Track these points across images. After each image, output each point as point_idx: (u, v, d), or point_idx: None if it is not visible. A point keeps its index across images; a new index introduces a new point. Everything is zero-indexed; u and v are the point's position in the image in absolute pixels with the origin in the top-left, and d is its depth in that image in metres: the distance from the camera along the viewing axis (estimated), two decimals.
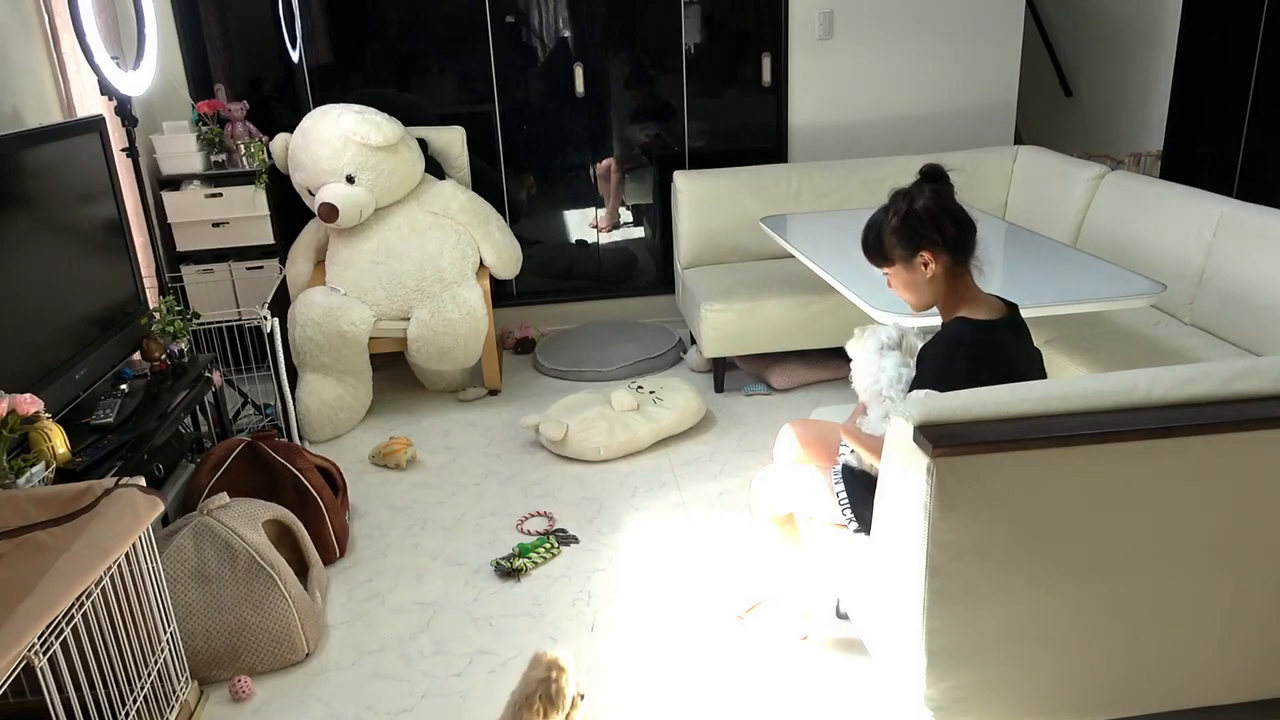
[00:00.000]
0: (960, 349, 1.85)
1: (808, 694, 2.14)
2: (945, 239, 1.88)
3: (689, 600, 2.49)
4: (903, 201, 1.91)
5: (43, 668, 1.58)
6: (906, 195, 1.91)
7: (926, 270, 1.91)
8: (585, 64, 4.23)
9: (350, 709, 2.16)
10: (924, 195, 1.89)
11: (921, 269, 1.91)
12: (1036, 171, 3.92)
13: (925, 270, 1.91)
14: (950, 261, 1.90)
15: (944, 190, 1.91)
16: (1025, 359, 1.92)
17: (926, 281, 1.92)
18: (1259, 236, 2.83)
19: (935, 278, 1.91)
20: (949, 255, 1.89)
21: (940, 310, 1.97)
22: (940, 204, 1.89)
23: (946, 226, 1.88)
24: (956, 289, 1.93)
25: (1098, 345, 2.95)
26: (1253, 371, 1.67)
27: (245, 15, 4.00)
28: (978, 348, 1.85)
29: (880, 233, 1.94)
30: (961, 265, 1.91)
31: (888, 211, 1.94)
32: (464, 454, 3.38)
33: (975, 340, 1.86)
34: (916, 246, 1.90)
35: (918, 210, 1.88)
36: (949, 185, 1.91)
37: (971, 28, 4.26)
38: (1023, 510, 1.62)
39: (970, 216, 1.91)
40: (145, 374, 2.80)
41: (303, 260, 3.85)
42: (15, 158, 2.38)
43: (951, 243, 1.89)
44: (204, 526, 2.28)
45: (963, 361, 1.82)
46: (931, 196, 1.89)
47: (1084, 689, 1.78)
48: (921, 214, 1.88)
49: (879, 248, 1.96)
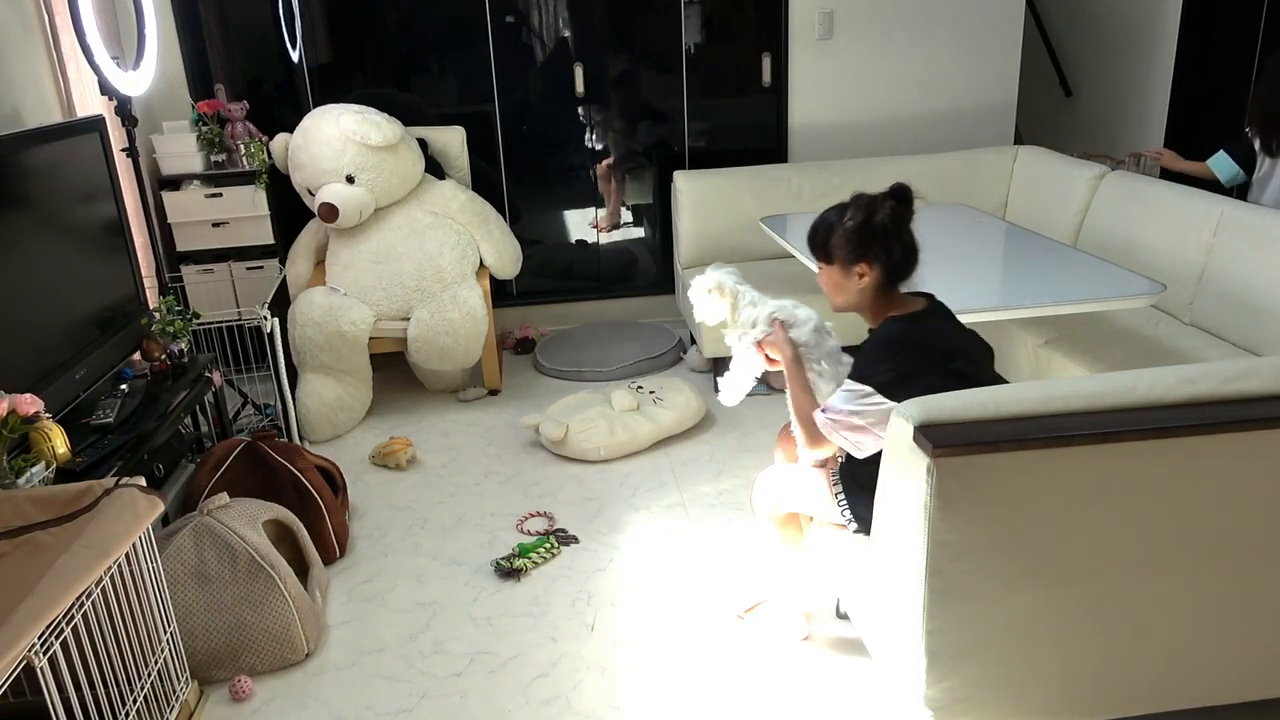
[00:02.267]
0: (893, 343, 1.91)
1: (808, 694, 2.14)
2: (889, 259, 1.93)
3: (689, 600, 2.49)
4: (863, 210, 1.94)
5: (43, 668, 1.58)
6: (868, 205, 1.94)
7: (860, 280, 1.95)
8: (585, 64, 4.23)
9: (350, 709, 2.16)
10: (884, 210, 1.93)
11: (856, 278, 1.96)
12: (1036, 171, 3.92)
13: (859, 280, 1.96)
14: (884, 280, 1.95)
15: (904, 213, 1.94)
16: (955, 332, 1.98)
17: (856, 290, 1.97)
18: (1259, 236, 2.83)
19: (865, 289, 1.96)
20: (885, 274, 1.94)
21: (866, 317, 2.02)
22: (896, 225, 1.93)
23: (894, 248, 1.92)
24: (882, 300, 1.98)
25: (1098, 345, 2.95)
26: (1253, 371, 1.67)
27: (245, 15, 4.00)
28: (909, 340, 1.91)
29: (831, 232, 1.98)
30: (893, 287, 1.97)
31: (844, 213, 1.96)
32: (464, 454, 3.38)
33: (907, 333, 1.92)
34: (859, 257, 1.94)
35: (874, 223, 1.92)
36: (910, 210, 1.95)
37: (971, 28, 4.26)
38: (1023, 510, 1.62)
39: (918, 248, 1.96)
40: (145, 374, 2.80)
41: (303, 260, 3.85)
42: (15, 158, 2.38)
43: (893, 264, 1.93)
44: (204, 526, 2.28)
45: (902, 352, 1.89)
46: (890, 215, 1.93)
47: (1084, 689, 1.78)
48: (876, 228, 1.92)
49: (824, 245, 1.99)
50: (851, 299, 2.00)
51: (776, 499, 2.20)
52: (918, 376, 1.83)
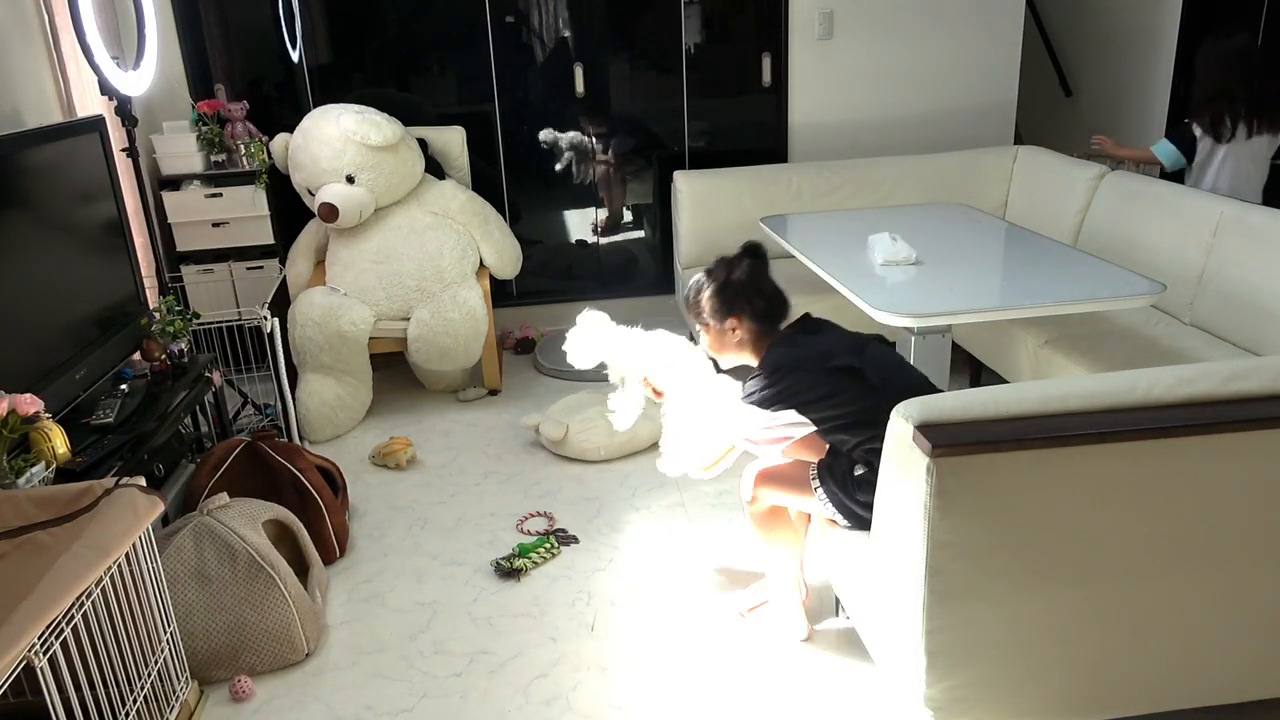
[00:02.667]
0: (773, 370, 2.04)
1: (808, 694, 2.14)
2: (754, 310, 2.10)
3: (689, 600, 2.49)
4: (721, 271, 2.13)
5: (43, 668, 1.58)
6: (725, 266, 2.13)
7: (734, 335, 2.13)
8: (585, 64, 4.23)
9: (350, 709, 2.16)
10: (741, 269, 2.11)
11: (730, 333, 2.13)
12: (1036, 171, 3.92)
13: (733, 335, 2.13)
14: (757, 329, 2.12)
15: (759, 268, 2.12)
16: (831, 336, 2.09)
17: (734, 344, 2.14)
18: (1259, 236, 2.83)
19: (742, 342, 2.13)
20: (756, 324, 2.11)
21: (753, 359, 2.15)
22: (753, 279, 2.10)
23: (756, 300, 2.10)
24: (761, 346, 2.13)
25: (1098, 345, 2.95)
26: (1253, 371, 1.67)
27: (245, 15, 4.00)
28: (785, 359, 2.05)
29: (700, 294, 2.16)
30: (769, 333, 2.13)
31: (709, 275, 2.15)
32: (464, 454, 3.38)
33: (782, 356, 2.06)
34: (727, 313, 2.11)
35: (733, 281, 2.10)
36: (764, 263, 2.13)
37: (971, 28, 4.26)
38: (1023, 510, 1.62)
39: (782, 294, 2.14)
40: (145, 374, 2.80)
41: (303, 260, 3.85)
42: (15, 158, 2.38)
43: (759, 314, 2.11)
44: (204, 526, 2.28)
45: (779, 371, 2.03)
46: (747, 271, 2.11)
47: (1084, 689, 1.78)
48: (735, 285, 2.10)
49: (696, 306, 2.17)
50: (734, 353, 2.17)
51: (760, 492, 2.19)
52: (806, 389, 1.99)
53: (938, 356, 2.55)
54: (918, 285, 2.66)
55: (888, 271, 2.76)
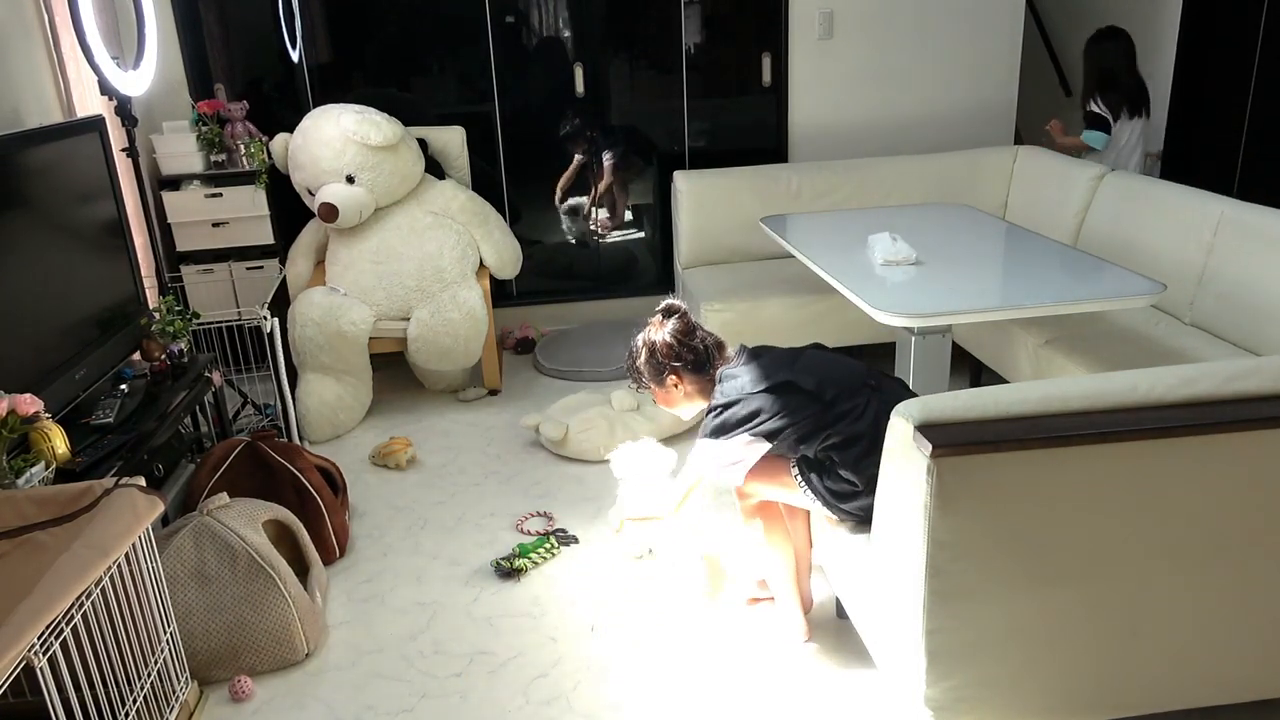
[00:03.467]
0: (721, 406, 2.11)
1: (808, 694, 2.14)
2: (686, 364, 2.19)
3: (689, 600, 2.49)
4: (644, 343, 2.23)
5: (42, 668, 1.58)
6: (650, 332, 2.22)
7: (678, 389, 2.23)
8: (585, 64, 4.23)
9: (350, 709, 2.16)
10: (664, 331, 2.20)
11: (673, 389, 2.23)
12: (1036, 171, 3.92)
13: (676, 390, 2.23)
14: (697, 378, 2.21)
15: (682, 325, 2.21)
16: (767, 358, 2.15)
17: (682, 396, 2.24)
18: (1259, 236, 2.83)
19: (689, 393, 2.23)
20: (694, 374, 2.20)
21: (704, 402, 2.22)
22: (679, 338, 2.19)
23: (685, 355, 2.19)
24: (707, 386, 2.20)
25: (1098, 345, 2.95)
26: (1253, 371, 1.67)
27: (245, 15, 4.00)
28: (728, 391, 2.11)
29: (635, 362, 2.25)
30: (710, 377, 2.20)
31: (639, 344, 2.24)
32: (464, 454, 3.38)
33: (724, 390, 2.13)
34: (664, 374, 2.21)
35: (658, 348, 2.20)
36: (685, 319, 2.22)
37: (971, 28, 4.26)
38: (1023, 510, 1.62)
39: (712, 338, 2.23)
40: (145, 374, 2.80)
41: (303, 260, 3.85)
42: (15, 158, 2.38)
43: (694, 366, 2.20)
44: (204, 526, 2.28)
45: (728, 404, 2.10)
46: (671, 333, 2.20)
47: (1084, 689, 1.78)
48: (662, 350, 2.20)
49: (636, 373, 2.27)
50: (684, 403, 2.26)
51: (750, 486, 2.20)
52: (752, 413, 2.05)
53: (938, 356, 2.55)
54: (918, 285, 2.66)
55: (888, 271, 2.77)
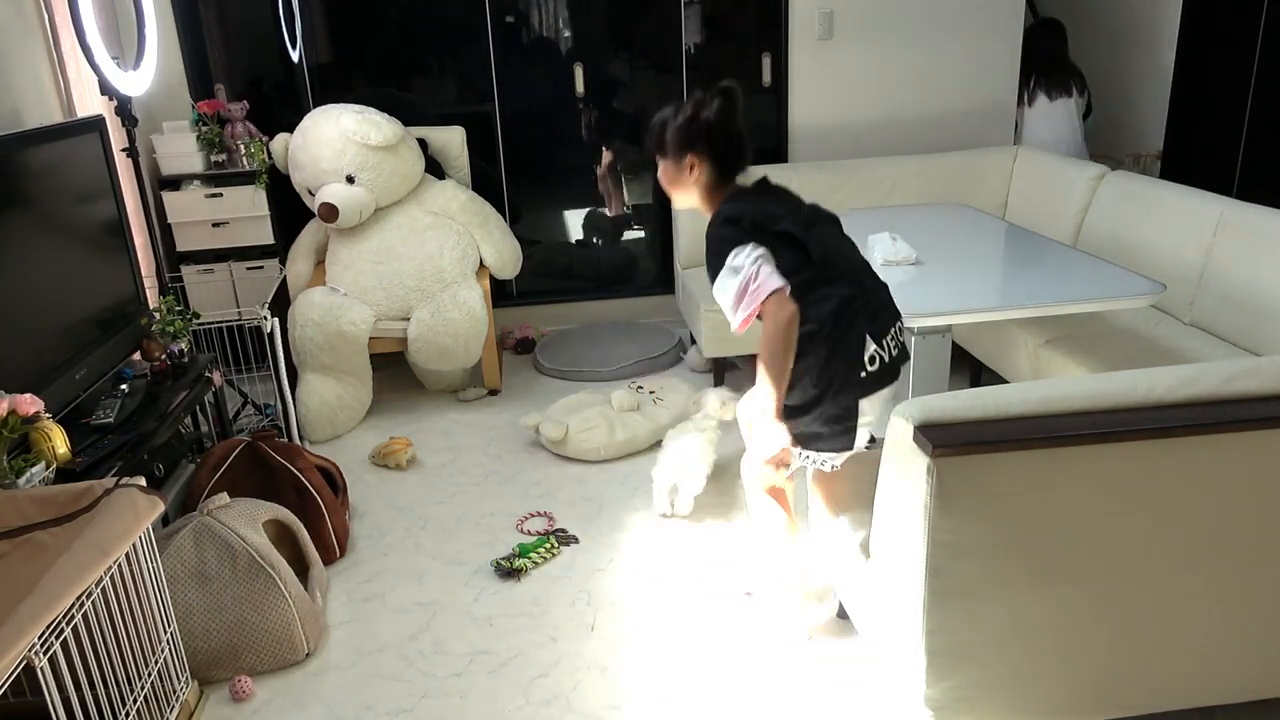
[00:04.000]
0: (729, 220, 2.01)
1: (808, 694, 2.14)
2: (714, 152, 2.04)
3: (689, 600, 2.49)
4: (691, 106, 2.05)
5: (43, 668, 1.58)
6: (696, 102, 2.05)
7: (691, 174, 2.06)
8: (585, 64, 4.23)
9: (350, 709, 2.16)
10: (711, 108, 2.03)
11: (688, 171, 2.07)
12: (1036, 171, 3.92)
13: (690, 173, 2.07)
14: (715, 173, 2.06)
15: (729, 110, 2.03)
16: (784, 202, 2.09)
17: (690, 183, 2.08)
18: (1259, 236, 2.83)
19: (698, 182, 2.07)
20: (714, 167, 2.05)
21: (703, 208, 2.12)
22: (721, 121, 2.02)
23: (719, 143, 2.03)
24: (716, 194, 2.09)
25: (1098, 345, 2.95)
26: (1253, 371, 1.67)
27: (245, 15, 4.00)
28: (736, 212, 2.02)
29: (664, 128, 2.09)
30: (727, 179, 2.07)
31: (677, 110, 2.08)
32: (464, 454, 3.38)
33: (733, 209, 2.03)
34: (687, 150, 2.05)
35: (700, 119, 2.03)
36: (735, 107, 2.04)
37: (971, 28, 4.26)
38: (1023, 510, 1.62)
39: (746, 143, 2.07)
40: (145, 374, 2.80)
41: (303, 260, 3.85)
42: (15, 158, 2.38)
43: (719, 157, 2.05)
44: (204, 526, 2.28)
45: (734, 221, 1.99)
46: (718, 112, 2.02)
47: (1084, 689, 1.78)
48: (702, 123, 2.02)
49: (658, 139, 2.10)
50: (687, 192, 2.11)
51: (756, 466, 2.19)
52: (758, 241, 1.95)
53: (938, 356, 2.55)
54: (918, 285, 2.66)
55: (888, 271, 2.76)
